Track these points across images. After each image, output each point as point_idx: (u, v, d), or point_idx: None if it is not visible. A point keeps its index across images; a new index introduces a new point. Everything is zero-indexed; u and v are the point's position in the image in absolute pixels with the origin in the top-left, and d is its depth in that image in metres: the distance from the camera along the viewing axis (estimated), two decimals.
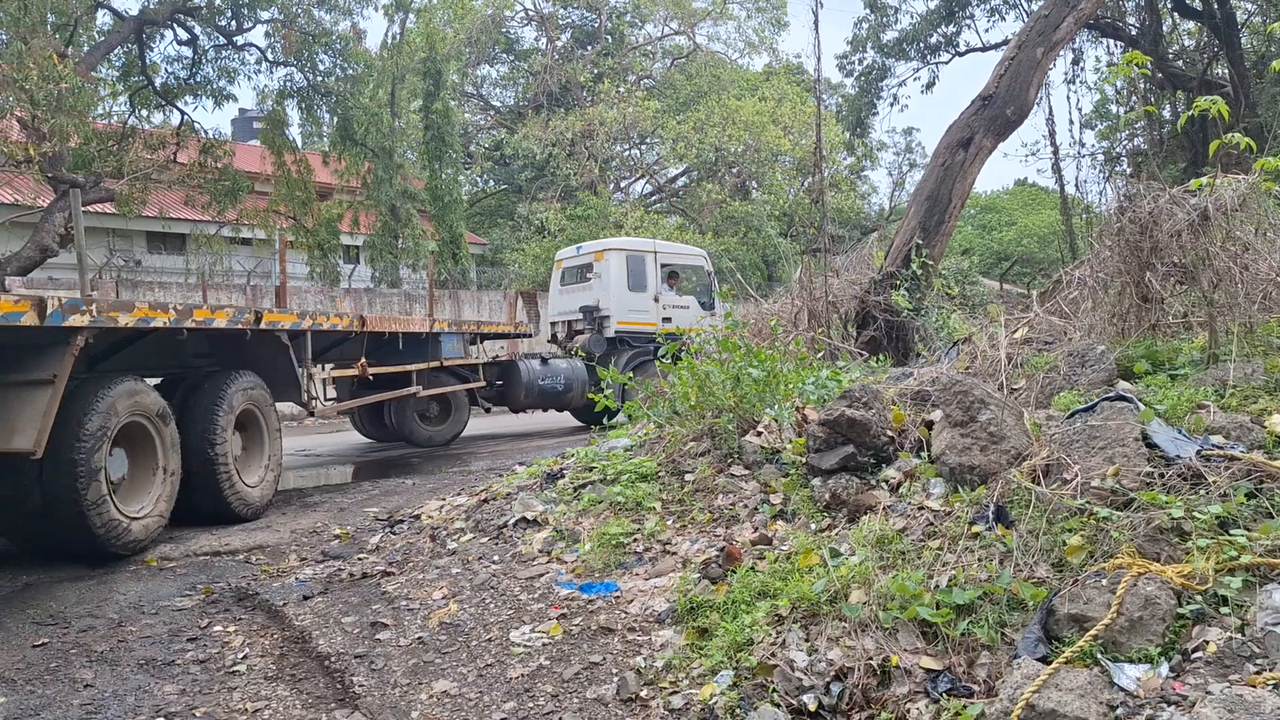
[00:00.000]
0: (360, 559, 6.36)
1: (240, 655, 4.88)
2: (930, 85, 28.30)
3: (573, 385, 15.30)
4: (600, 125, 32.29)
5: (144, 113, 21.85)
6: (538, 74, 35.81)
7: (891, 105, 31.13)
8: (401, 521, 7.21)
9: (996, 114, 10.13)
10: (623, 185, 38.71)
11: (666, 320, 15.82)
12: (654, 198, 39.26)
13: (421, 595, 5.36)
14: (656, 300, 16.11)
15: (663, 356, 7.24)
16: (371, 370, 11.15)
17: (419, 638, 4.80)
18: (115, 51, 20.80)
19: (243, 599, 5.82)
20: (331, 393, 12.37)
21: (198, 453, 7.70)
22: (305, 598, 5.63)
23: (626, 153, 37.82)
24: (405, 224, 26.46)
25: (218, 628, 5.30)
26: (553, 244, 27.72)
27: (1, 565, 6.80)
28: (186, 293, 21.40)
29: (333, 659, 4.68)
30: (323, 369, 11.38)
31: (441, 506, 7.33)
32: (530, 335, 16.97)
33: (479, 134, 39.37)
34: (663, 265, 16.42)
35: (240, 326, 8.14)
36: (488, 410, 15.30)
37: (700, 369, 6.27)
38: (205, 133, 22.43)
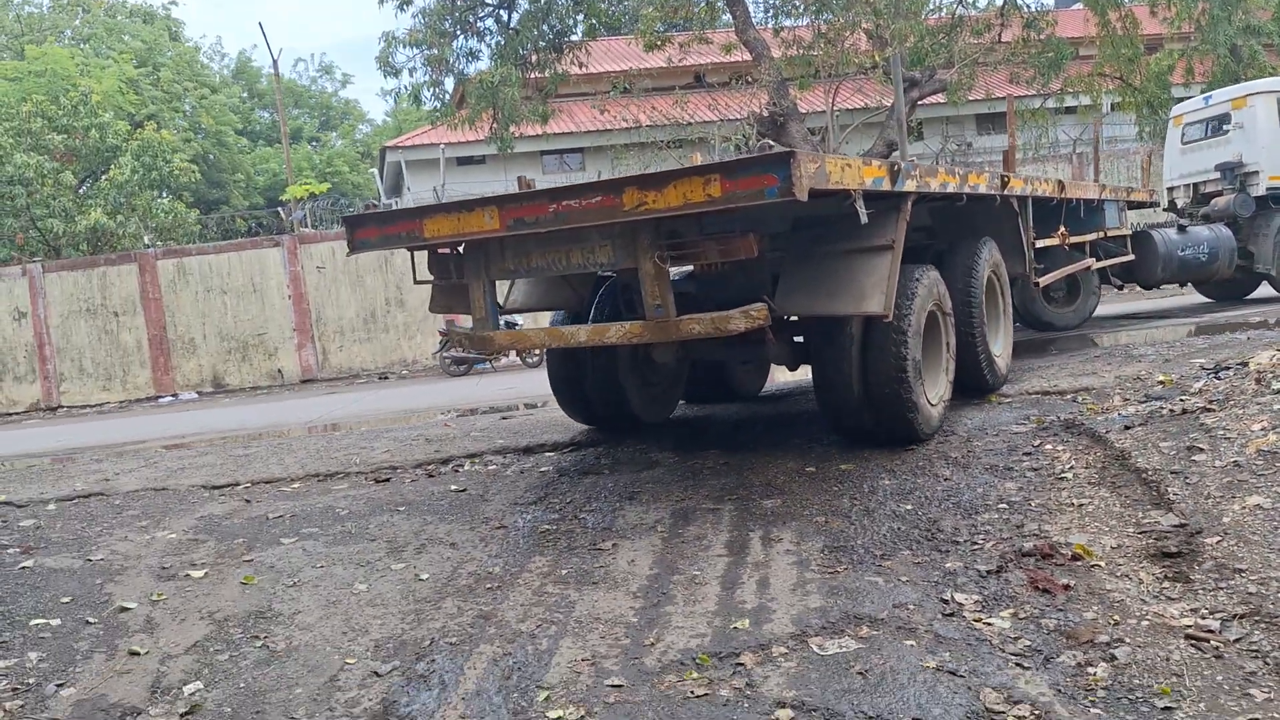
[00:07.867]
0: (1181, 399, 6.71)
1: (1067, 466, 5.76)
2: None
3: (1219, 255, 13.29)
4: None
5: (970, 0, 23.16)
6: None
7: None
8: (1227, 368, 7.30)
9: None
10: None
11: None
12: None
13: (1240, 427, 5.59)
14: None
15: None
16: (1070, 240, 10.25)
17: (1234, 461, 5.13)
18: None
19: (1069, 427, 6.65)
20: None
21: (959, 325, 7.43)
22: (1126, 427, 6.24)
23: None
24: (1249, 64, 23.81)
25: (1047, 446, 6.24)
26: None
27: None
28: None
29: (1149, 473, 5.29)
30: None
31: (1272, 356, 7.21)
32: (1158, 204, 15.01)
33: None
34: None
35: (992, 191, 7.87)
36: (1120, 288, 13.96)
37: None
38: (1027, 7, 22.93)
